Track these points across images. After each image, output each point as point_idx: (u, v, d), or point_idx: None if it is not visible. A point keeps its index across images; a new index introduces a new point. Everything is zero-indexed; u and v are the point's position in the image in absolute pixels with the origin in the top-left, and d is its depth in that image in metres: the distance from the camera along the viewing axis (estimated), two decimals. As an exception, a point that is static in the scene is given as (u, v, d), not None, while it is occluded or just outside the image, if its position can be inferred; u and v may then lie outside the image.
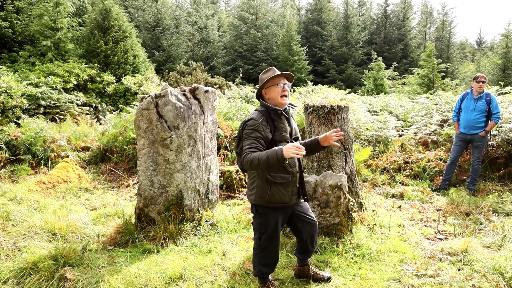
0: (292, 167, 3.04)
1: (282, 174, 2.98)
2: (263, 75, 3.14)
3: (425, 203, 5.83)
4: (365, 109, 9.83)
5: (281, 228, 3.23)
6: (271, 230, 3.09)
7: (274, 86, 3.04)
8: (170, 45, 23.82)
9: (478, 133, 6.12)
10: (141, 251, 4.01)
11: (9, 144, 7.72)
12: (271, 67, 3.16)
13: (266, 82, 3.05)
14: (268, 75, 3.09)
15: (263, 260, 3.20)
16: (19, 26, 15.16)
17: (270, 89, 3.06)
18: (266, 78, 3.06)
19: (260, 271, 3.24)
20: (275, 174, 2.97)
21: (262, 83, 3.08)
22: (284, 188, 3.01)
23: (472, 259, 3.76)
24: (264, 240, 3.12)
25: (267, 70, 3.14)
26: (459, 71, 26.26)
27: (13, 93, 10.11)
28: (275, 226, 3.10)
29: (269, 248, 3.15)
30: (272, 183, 2.97)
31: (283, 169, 2.99)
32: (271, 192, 2.98)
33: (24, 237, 4.10)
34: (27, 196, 5.86)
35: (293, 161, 3.05)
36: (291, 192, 3.06)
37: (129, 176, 7.35)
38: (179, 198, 4.49)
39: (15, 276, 3.37)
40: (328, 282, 3.43)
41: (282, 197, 3.02)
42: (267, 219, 3.08)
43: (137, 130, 4.54)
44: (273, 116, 3.03)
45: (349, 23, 27.03)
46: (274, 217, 3.08)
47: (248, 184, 3.17)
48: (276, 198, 3.00)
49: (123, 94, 13.89)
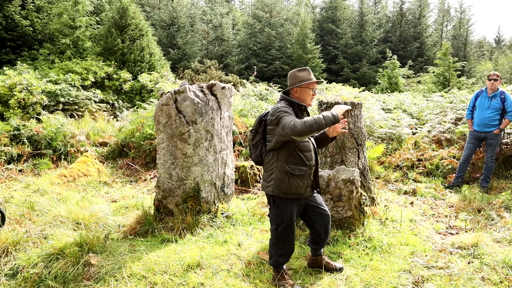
0: (310, 160, 3.20)
1: (300, 166, 3.15)
2: (298, 73, 3.25)
3: (437, 199, 5.89)
4: (379, 107, 9.87)
5: (296, 219, 3.36)
6: (287, 221, 3.23)
7: (309, 89, 3.23)
8: (185, 43, 24.10)
9: (492, 131, 6.13)
10: (160, 240, 4.19)
11: (31, 139, 8.00)
12: (306, 68, 3.30)
13: (302, 83, 3.20)
14: (304, 76, 3.22)
15: (280, 250, 3.32)
16: (39, 25, 15.56)
17: (304, 90, 3.23)
18: (302, 79, 3.21)
19: (276, 261, 3.36)
20: (294, 166, 3.13)
21: (297, 82, 3.22)
22: (301, 180, 3.16)
23: (482, 253, 3.83)
24: (281, 231, 3.26)
25: (302, 69, 3.27)
26: (476, 69, 25.92)
27: (33, 90, 10.42)
28: (291, 217, 3.24)
29: (286, 238, 3.29)
30: (290, 175, 3.12)
31: (301, 162, 3.15)
32: (288, 183, 3.12)
33: (50, 225, 4.31)
34: (49, 188, 6.11)
35: (311, 155, 3.21)
36: (307, 184, 3.22)
37: (146, 170, 7.55)
38: (196, 190, 4.65)
39: (43, 261, 3.57)
40: (339, 272, 3.56)
41: (298, 189, 3.16)
42: (283, 210, 3.22)
43: (156, 125, 4.72)
44: (296, 111, 3.20)
45: (364, 21, 26.91)
46: (290, 208, 3.22)
47: (265, 177, 3.29)
48: (292, 189, 3.15)
49: (139, 92, 14.15)
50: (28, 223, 4.65)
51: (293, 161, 3.13)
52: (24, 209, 5.04)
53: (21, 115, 9.73)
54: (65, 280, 3.39)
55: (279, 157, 3.16)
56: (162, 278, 3.39)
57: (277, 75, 23.91)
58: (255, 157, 3.38)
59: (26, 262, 3.58)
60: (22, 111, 9.96)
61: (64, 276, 3.42)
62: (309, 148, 3.21)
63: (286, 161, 3.13)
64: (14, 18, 14.64)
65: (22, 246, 3.90)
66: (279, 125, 3.03)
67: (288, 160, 3.13)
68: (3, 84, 10.18)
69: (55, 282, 3.35)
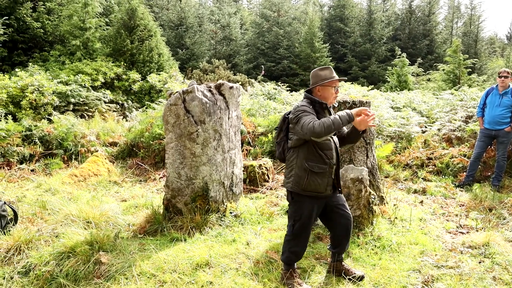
0: (330, 159, 3.21)
1: (320, 164, 3.17)
2: (321, 72, 3.28)
3: (447, 198, 5.84)
4: (388, 105, 9.80)
5: (315, 218, 3.35)
6: (305, 218, 3.26)
7: (331, 87, 3.25)
8: (193, 43, 24.19)
9: (503, 129, 6.06)
10: (169, 239, 4.22)
11: (43, 139, 8.12)
12: (329, 66, 3.33)
13: (325, 81, 3.22)
14: (326, 74, 3.25)
15: (293, 247, 3.34)
16: (50, 27, 15.75)
17: (326, 89, 3.25)
18: (325, 77, 3.23)
19: (288, 257, 3.38)
20: (313, 164, 3.16)
21: (319, 81, 3.25)
22: (320, 178, 3.18)
23: (493, 252, 3.79)
24: (298, 228, 3.29)
25: (325, 68, 3.30)
26: (487, 66, 25.55)
27: (44, 90, 10.55)
28: (309, 215, 3.26)
29: (301, 236, 3.32)
30: (309, 172, 3.16)
31: (321, 160, 3.16)
32: (307, 181, 3.16)
33: (61, 224, 4.37)
34: (60, 187, 6.19)
35: (331, 153, 3.22)
36: (327, 182, 3.21)
37: (155, 170, 7.61)
38: (205, 190, 4.68)
39: (55, 259, 3.63)
40: (360, 281, 3.39)
41: (317, 187, 3.18)
42: (301, 207, 3.26)
43: (165, 125, 4.75)
44: (318, 109, 3.23)
45: (373, 19, 26.71)
46: (308, 206, 3.24)
47: (286, 173, 3.36)
48: (311, 187, 3.17)
49: (148, 92, 14.25)
50: (40, 222, 4.72)
51: (313, 158, 3.16)
52: (36, 208, 5.12)
53: (33, 116, 9.86)
54: (76, 278, 3.44)
55: (299, 154, 3.21)
56: (171, 276, 3.42)
57: (285, 74, 23.88)
58: (278, 154, 3.46)
59: (38, 260, 3.64)
60: (33, 111, 10.09)
61: (75, 274, 3.47)
62: (329, 147, 3.22)
63: (306, 159, 3.17)
64: (25, 20, 14.84)
65: (34, 244, 3.96)
66: (298, 124, 3.07)
67: (308, 157, 3.17)
68: (15, 85, 10.34)
69: (66, 280, 3.40)
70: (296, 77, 23.22)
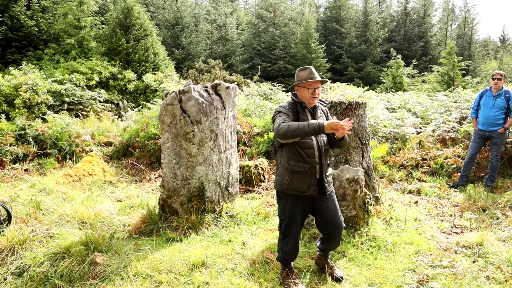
0: (311, 158, 3.18)
1: (300, 163, 3.18)
2: (299, 73, 3.30)
3: (442, 198, 5.87)
4: (383, 106, 9.84)
5: (302, 218, 3.32)
6: (289, 217, 3.27)
7: (306, 89, 3.22)
8: (189, 43, 24.15)
9: (496, 130, 6.11)
10: (165, 239, 4.21)
11: (37, 139, 8.06)
12: (309, 67, 3.31)
13: (300, 82, 3.24)
14: (302, 75, 3.24)
15: (284, 247, 3.36)
16: (44, 25, 15.65)
17: (302, 90, 3.25)
18: (300, 78, 3.24)
19: (281, 256, 3.42)
20: (294, 163, 3.19)
21: (297, 81, 3.27)
22: (302, 177, 3.18)
23: (487, 252, 3.82)
24: (284, 227, 3.32)
25: (303, 69, 3.30)
26: (480, 68, 25.79)
27: (39, 89, 10.49)
28: (292, 214, 3.26)
29: (288, 235, 3.32)
30: (291, 171, 3.20)
31: (301, 159, 3.17)
32: (289, 179, 3.20)
33: (55, 224, 4.34)
34: (55, 187, 6.15)
35: (312, 152, 3.18)
36: (309, 182, 3.19)
37: (151, 170, 7.58)
38: (201, 190, 4.67)
39: (49, 259, 3.60)
40: (336, 282, 3.39)
41: (299, 186, 3.20)
42: (285, 206, 3.29)
43: (161, 125, 4.74)
44: (299, 109, 3.27)
45: (368, 20, 26.85)
46: (292, 205, 3.26)
47: (276, 172, 3.43)
48: (293, 185, 3.21)
49: (143, 91, 14.21)
50: (34, 222, 4.68)
51: (293, 157, 3.20)
52: (30, 209, 5.08)
53: (27, 115, 9.80)
54: (71, 279, 3.42)
55: (283, 154, 3.28)
56: (167, 277, 3.41)
57: (281, 75, 23.91)
58: (274, 154, 3.55)
59: (32, 261, 3.61)
60: (27, 111, 10.03)
61: (70, 275, 3.45)
62: (310, 146, 3.18)
63: (288, 158, 3.22)
64: (19, 18, 14.74)
65: (28, 245, 3.93)
66: (274, 124, 3.16)
67: (290, 156, 3.21)
68: (9, 84, 10.26)
69: (61, 280, 3.38)
70: (292, 78, 23.23)
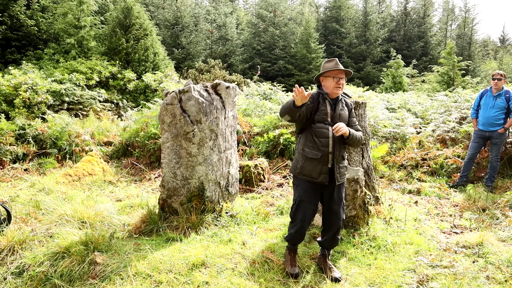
0: (325, 146, 3.35)
1: (314, 151, 3.37)
2: (325, 64, 3.47)
3: (442, 199, 5.87)
4: (383, 106, 9.84)
5: (311, 206, 3.45)
6: (298, 202, 3.46)
7: (331, 78, 3.41)
8: (189, 42, 24.14)
9: (496, 130, 6.12)
10: (164, 239, 4.20)
11: (37, 138, 8.06)
12: (335, 58, 3.49)
13: (325, 72, 3.41)
14: (329, 66, 3.43)
15: (291, 228, 3.56)
16: (44, 25, 15.64)
17: (327, 79, 3.44)
18: (327, 68, 3.43)
19: (287, 236, 3.63)
20: (309, 150, 3.39)
21: (322, 71, 3.46)
22: (314, 164, 3.36)
23: (487, 252, 3.82)
24: (292, 212, 3.53)
25: (330, 60, 3.49)
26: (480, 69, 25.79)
27: (38, 89, 10.49)
28: (302, 200, 3.44)
29: (296, 218, 3.49)
30: (305, 157, 3.40)
31: (316, 147, 3.35)
32: (302, 165, 3.41)
33: (55, 224, 4.34)
34: (55, 187, 6.15)
35: (327, 142, 3.35)
36: (321, 170, 3.36)
37: (151, 170, 7.58)
38: (201, 190, 4.67)
39: (49, 259, 3.60)
40: (335, 283, 3.42)
41: (310, 172, 3.38)
42: (297, 189, 3.50)
43: (161, 124, 4.73)
44: (320, 99, 3.42)
45: (368, 20, 26.85)
46: (302, 190, 3.44)
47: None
48: (305, 171, 3.40)
49: (143, 91, 14.21)
50: (34, 222, 4.68)
51: (309, 145, 3.39)
52: (29, 208, 5.07)
53: (26, 115, 9.79)
54: (71, 279, 3.42)
55: (300, 141, 3.49)
56: (167, 276, 3.41)
57: (280, 75, 23.90)
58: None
59: (32, 261, 3.61)
60: (27, 110, 10.02)
61: (70, 275, 3.45)
62: (325, 135, 3.35)
63: (304, 144, 3.42)
64: (19, 17, 14.73)
65: (28, 244, 3.93)
66: None
67: (306, 143, 3.41)
68: (9, 83, 10.25)
69: (61, 280, 3.38)
70: (291, 78, 23.26)
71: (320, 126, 3.35)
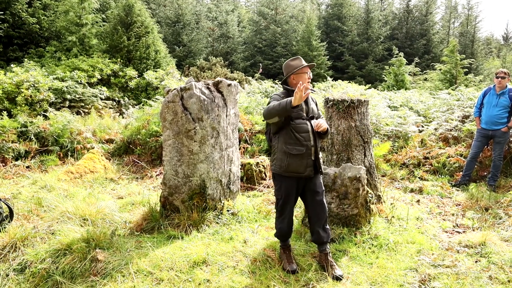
0: (307, 141, 3.46)
1: (297, 146, 3.44)
2: (291, 62, 3.60)
3: (444, 198, 5.85)
4: (385, 104, 9.80)
5: (296, 197, 3.65)
6: (285, 197, 3.56)
7: (304, 74, 3.54)
8: (190, 40, 24.10)
9: (500, 129, 6.08)
10: (166, 237, 4.20)
11: (39, 136, 8.06)
12: (298, 56, 3.62)
13: (297, 70, 3.53)
14: (297, 64, 3.56)
15: (279, 224, 3.67)
16: (46, 22, 15.64)
17: (300, 76, 3.55)
18: (296, 66, 3.55)
19: (277, 233, 3.73)
20: (292, 147, 3.45)
21: (292, 70, 3.55)
22: (299, 160, 3.45)
23: (489, 252, 3.80)
24: (280, 206, 3.62)
25: (294, 58, 3.59)
26: (483, 67, 25.69)
27: (40, 87, 10.49)
28: (288, 193, 3.55)
29: (284, 213, 3.62)
30: (288, 154, 3.45)
31: (298, 143, 3.42)
32: (287, 162, 3.46)
33: (57, 221, 4.34)
34: (56, 184, 6.15)
35: (308, 136, 3.46)
36: (306, 164, 3.47)
37: (152, 167, 7.58)
38: (202, 187, 4.66)
39: (51, 256, 3.60)
40: (336, 281, 3.40)
41: (297, 168, 3.47)
42: (282, 187, 3.57)
43: (162, 122, 4.72)
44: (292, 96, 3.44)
45: (370, 18, 26.73)
46: (288, 186, 3.54)
47: (271, 157, 3.69)
48: (292, 168, 3.47)
49: (144, 89, 14.20)
50: (36, 219, 4.68)
51: (291, 142, 3.45)
52: (31, 205, 5.08)
53: (28, 112, 9.80)
54: (72, 276, 3.42)
55: (279, 139, 3.53)
56: (169, 274, 3.40)
57: (282, 73, 23.81)
58: (267, 142, 3.81)
59: (34, 258, 3.61)
60: (29, 108, 10.03)
61: (72, 272, 3.45)
62: (305, 129, 3.46)
63: (285, 142, 3.47)
64: (21, 15, 14.72)
65: (30, 241, 3.93)
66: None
67: (287, 141, 3.46)
68: (11, 81, 10.26)
69: (62, 277, 3.38)
70: (293, 76, 23.17)
71: (299, 122, 3.45)
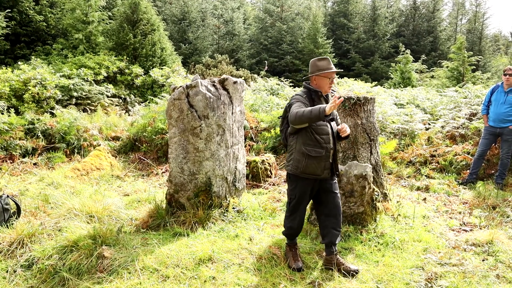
0: (327, 143, 3.40)
1: (316, 148, 3.38)
2: (318, 63, 3.50)
3: (451, 196, 5.81)
4: (392, 102, 9.75)
5: (310, 198, 3.62)
6: (299, 197, 3.53)
7: (326, 78, 3.47)
8: (196, 38, 24.11)
9: (507, 127, 6.02)
10: (172, 234, 4.22)
11: (45, 133, 8.12)
12: (326, 57, 3.52)
13: (321, 72, 3.44)
14: (323, 65, 3.46)
15: (290, 223, 3.65)
16: (52, 20, 15.71)
17: (321, 79, 3.48)
18: (322, 68, 3.46)
19: (286, 231, 3.72)
20: (310, 148, 3.38)
21: (317, 71, 3.47)
22: (317, 162, 3.39)
23: (497, 250, 3.78)
24: (293, 206, 3.59)
25: (323, 59, 3.50)
26: (491, 64, 25.42)
27: (47, 84, 10.55)
28: (303, 195, 3.53)
29: (296, 212, 3.60)
30: (307, 156, 3.39)
31: (318, 144, 3.36)
32: (305, 164, 3.39)
33: (64, 218, 4.37)
34: (63, 181, 6.19)
35: (328, 138, 3.40)
36: (324, 166, 3.42)
37: (158, 165, 7.60)
38: (208, 185, 4.67)
39: (58, 252, 3.63)
40: (351, 277, 3.38)
41: (314, 170, 3.41)
42: (297, 187, 3.53)
43: (168, 119, 4.73)
44: (314, 97, 3.48)
45: (377, 15, 26.56)
46: (303, 187, 3.50)
47: (287, 157, 3.62)
48: (309, 169, 3.41)
49: (150, 86, 14.23)
50: (43, 216, 4.72)
51: (310, 143, 3.38)
52: (39, 202, 5.12)
53: (35, 109, 9.86)
54: (79, 272, 3.45)
55: (298, 140, 3.44)
56: (174, 271, 3.42)
57: (288, 70, 23.80)
58: (282, 140, 3.75)
59: (41, 254, 3.65)
60: (36, 105, 10.09)
61: (78, 268, 3.47)
62: (326, 132, 3.40)
63: (303, 143, 3.39)
64: (28, 13, 14.81)
65: (37, 238, 3.97)
66: (290, 111, 3.31)
67: (306, 142, 3.39)
68: (18, 78, 10.33)
69: (69, 273, 3.41)
70: (299, 73, 23.15)
71: (319, 124, 3.37)
